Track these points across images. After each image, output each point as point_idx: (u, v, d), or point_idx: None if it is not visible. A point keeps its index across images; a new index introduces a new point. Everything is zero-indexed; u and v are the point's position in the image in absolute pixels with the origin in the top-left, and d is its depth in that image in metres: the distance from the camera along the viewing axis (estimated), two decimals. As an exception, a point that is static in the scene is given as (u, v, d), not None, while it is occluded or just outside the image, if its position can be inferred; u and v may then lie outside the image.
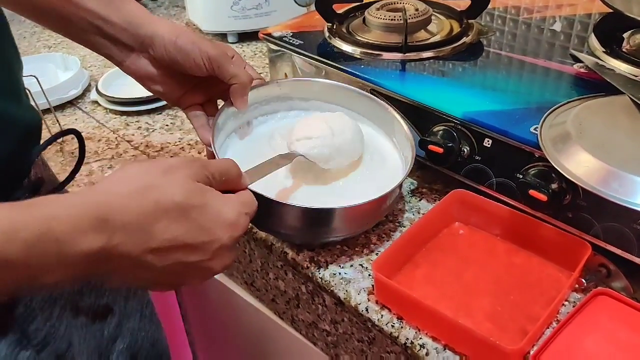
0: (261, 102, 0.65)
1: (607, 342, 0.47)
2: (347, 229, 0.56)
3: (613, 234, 0.51)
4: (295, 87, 0.67)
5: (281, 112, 0.68)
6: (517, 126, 0.56)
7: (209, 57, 0.55)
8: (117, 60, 0.59)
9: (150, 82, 0.59)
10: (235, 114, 0.62)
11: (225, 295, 0.81)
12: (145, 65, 0.58)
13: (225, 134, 0.62)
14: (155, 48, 0.56)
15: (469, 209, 0.60)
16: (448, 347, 0.49)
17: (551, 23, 0.77)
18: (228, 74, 0.57)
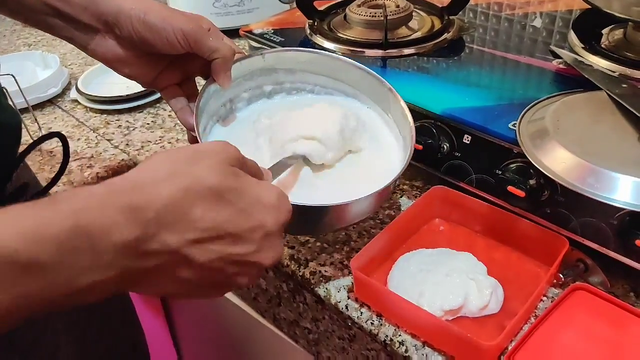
0: (244, 77, 0.60)
1: (585, 337, 0.47)
2: (346, 221, 0.54)
3: (590, 229, 0.51)
4: (281, 59, 0.61)
5: (263, 97, 0.63)
6: (495, 122, 0.56)
7: (184, 33, 0.50)
8: (80, 44, 0.53)
9: (119, 65, 0.54)
10: (217, 92, 0.57)
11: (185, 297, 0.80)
12: (112, 47, 0.52)
13: (207, 116, 0.57)
14: (121, 27, 0.50)
15: (449, 205, 0.60)
16: (427, 344, 0.49)
17: (532, 19, 0.78)
18: (207, 49, 0.52)
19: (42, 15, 0.51)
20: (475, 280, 0.51)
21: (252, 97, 0.62)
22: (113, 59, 0.53)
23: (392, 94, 0.58)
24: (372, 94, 0.61)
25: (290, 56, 0.61)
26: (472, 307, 0.50)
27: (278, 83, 0.63)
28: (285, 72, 0.62)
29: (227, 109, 0.61)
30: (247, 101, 0.62)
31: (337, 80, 0.62)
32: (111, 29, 0.51)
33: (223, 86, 0.54)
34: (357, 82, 0.61)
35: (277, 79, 0.62)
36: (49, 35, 0.55)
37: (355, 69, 0.60)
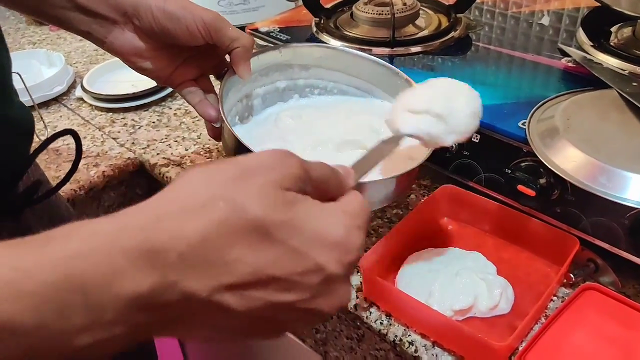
0: (260, 72, 0.60)
1: (596, 337, 0.47)
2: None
3: (601, 229, 0.51)
4: (297, 54, 0.61)
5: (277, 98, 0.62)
6: (505, 121, 0.56)
7: (204, 22, 0.49)
8: (97, 38, 0.52)
9: (137, 58, 0.53)
10: (235, 85, 0.56)
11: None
12: (130, 39, 0.51)
13: (226, 110, 0.55)
14: (141, 18, 0.49)
15: (457, 204, 0.59)
16: (437, 344, 0.49)
17: (539, 17, 0.77)
18: (228, 38, 0.50)
19: (60, 10, 0.50)
20: (485, 280, 0.50)
21: (267, 94, 0.62)
22: (131, 52, 0.52)
23: (409, 84, 0.58)
24: (387, 87, 0.61)
25: (306, 51, 0.62)
26: (482, 307, 0.49)
27: (292, 79, 0.62)
28: (300, 67, 0.62)
29: (244, 106, 0.61)
30: (263, 99, 0.62)
31: (351, 76, 0.62)
32: (130, 20, 0.51)
33: (242, 77, 0.53)
34: (372, 76, 0.61)
35: (292, 75, 0.62)
36: (53, 33, 0.55)
37: (370, 63, 0.61)
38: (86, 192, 0.72)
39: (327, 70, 0.63)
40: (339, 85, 0.64)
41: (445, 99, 0.47)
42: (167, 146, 0.77)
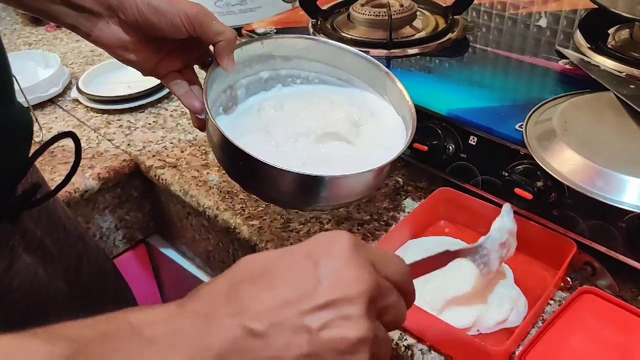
0: (243, 63, 0.61)
1: (593, 341, 0.47)
2: (338, 198, 0.54)
3: (598, 232, 0.50)
4: (279, 45, 0.63)
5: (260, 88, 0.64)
6: (502, 123, 0.55)
7: (188, 16, 0.50)
8: (83, 32, 0.53)
9: (122, 51, 0.54)
10: (219, 76, 0.58)
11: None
12: (116, 32, 0.52)
13: (211, 100, 0.57)
14: (126, 11, 0.51)
15: (454, 207, 0.59)
16: (433, 349, 0.48)
17: (537, 19, 0.77)
18: (211, 32, 0.52)
19: (46, 3, 0.51)
20: (496, 294, 0.49)
21: (250, 84, 0.63)
22: (116, 44, 0.53)
23: (388, 77, 0.60)
24: (367, 79, 0.63)
25: (287, 43, 0.63)
26: (488, 323, 0.48)
27: (274, 69, 0.64)
28: (282, 59, 0.64)
29: (228, 96, 0.62)
30: (246, 89, 0.63)
31: (332, 67, 0.64)
32: (115, 14, 0.51)
33: (226, 69, 0.55)
34: (353, 68, 0.63)
35: (274, 65, 0.64)
36: (49, 34, 0.55)
37: (351, 55, 0.62)
38: (81, 194, 0.72)
39: (308, 61, 0.64)
40: (320, 76, 0.65)
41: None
42: (163, 148, 0.77)
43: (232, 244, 0.69)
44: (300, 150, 0.57)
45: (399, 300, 0.32)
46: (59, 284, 0.57)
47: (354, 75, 0.64)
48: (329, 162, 0.56)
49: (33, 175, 0.56)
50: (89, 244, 0.65)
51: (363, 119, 0.61)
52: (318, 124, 0.58)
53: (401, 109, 0.60)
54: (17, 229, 0.52)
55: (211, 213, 0.66)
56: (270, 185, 0.52)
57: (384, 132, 0.60)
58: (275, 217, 0.63)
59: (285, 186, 0.52)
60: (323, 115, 0.59)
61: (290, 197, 0.53)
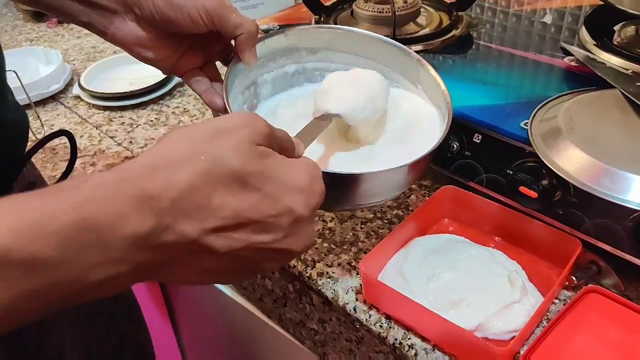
0: (267, 57, 0.58)
1: (598, 341, 0.46)
2: (372, 197, 0.50)
3: (604, 231, 0.50)
4: (303, 37, 0.59)
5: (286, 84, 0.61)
6: (507, 121, 0.55)
7: (207, 9, 0.48)
8: (98, 29, 0.51)
9: (140, 48, 0.52)
10: (241, 72, 0.55)
11: (212, 294, 0.80)
12: (132, 29, 0.50)
13: (232, 97, 0.54)
14: (142, 7, 0.49)
15: (458, 205, 0.59)
16: (437, 348, 0.48)
17: (542, 15, 0.76)
18: (231, 25, 0.49)
19: (61, 1, 0.50)
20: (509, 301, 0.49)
21: (276, 79, 0.60)
22: (134, 42, 0.51)
23: (421, 64, 0.57)
24: (398, 67, 0.59)
25: (312, 33, 0.60)
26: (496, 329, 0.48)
27: (300, 62, 0.61)
28: (308, 51, 0.60)
29: (252, 93, 0.59)
30: (272, 85, 0.60)
31: (361, 57, 0.60)
32: (131, 9, 0.50)
33: (249, 64, 0.52)
34: (382, 57, 0.59)
35: (300, 58, 0.61)
36: (51, 30, 0.54)
37: (380, 43, 0.59)
38: (83, 192, 0.72)
39: (336, 53, 0.61)
40: (349, 67, 0.60)
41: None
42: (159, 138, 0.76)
43: (235, 241, 0.69)
44: (326, 149, 0.54)
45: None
46: None
47: (384, 65, 0.60)
48: (357, 161, 0.53)
49: (30, 174, 0.56)
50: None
51: (392, 113, 0.57)
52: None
53: (435, 97, 0.56)
54: None
55: (213, 211, 0.65)
56: None
57: (417, 125, 0.57)
58: (278, 215, 0.63)
59: None
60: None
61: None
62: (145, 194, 0.29)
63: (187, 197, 0.30)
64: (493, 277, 0.51)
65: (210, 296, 0.81)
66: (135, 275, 0.30)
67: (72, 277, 0.28)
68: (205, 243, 0.31)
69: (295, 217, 0.34)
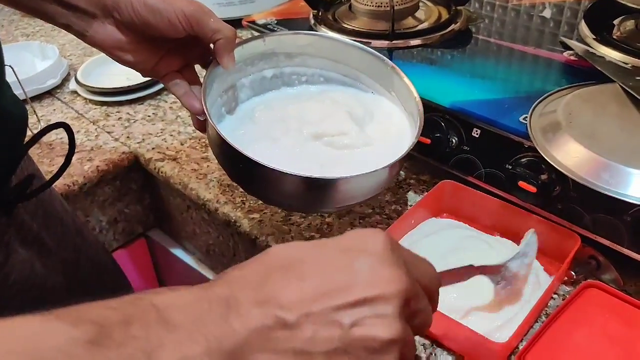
0: (245, 61, 0.59)
1: (597, 335, 0.46)
2: (344, 200, 0.52)
3: (603, 226, 0.50)
4: (281, 42, 0.60)
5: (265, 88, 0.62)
6: (506, 116, 0.55)
7: (185, 14, 0.49)
8: (77, 32, 0.51)
9: (119, 51, 0.52)
10: (220, 75, 0.56)
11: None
12: (111, 32, 0.51)
13: (211, 100, 0.55)
14: (121, 11, 0.49)
15: (457, 200, 0.59)
16: (436, 343, 0.48)
17: (541, 10, 0.76)
18: (209, 30, 0.50)
19: (40, 2, 0.50)
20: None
21: (253, 83, 0.61)
22: (113, 45, 0.52)
23: (395, 71, 0.58)
24: (373, 74, 0.61)
25: (290, 39, 0.61)
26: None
27: (278, 67, 0.62)
28: (285, 56, 0.62)
29: (230, 96, 0.60)
30: (250, 89, 0.61)
31: (337, 62, 0.62)
32: (110, 14, 0.50)
33: (226, 68, 0.53)
34: (358, 63, 0.61)
35: (278, 63, 0.62)
36: (47, 25, 0.54)
37: (356, 50, 0.60)
38: (80, 187, 0.71)
39: (312, 58, 0.62)
40: (325, 72, 0.63)
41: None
42: (162, 140, 0.76)
43: (233, 237, 0.69)
44: (304, 152, 0.55)
45: (428, 305, 0.31)
46: (56, 278, 0.57)
47: (359, 71, 0.62)
48: (333, 164, 0.54)
49: (28, 167, 0.55)
50: (87, 238, 0.64)
51: (367, 118, 0.59)
52: (320, 125, 0.57)
53: (408, 105, 0.58)
54: (13, 222, 0.52)
55: (211, 206, 0.65)
56: (272, 189, 0.51)
57: (389, 130, 0.58)
58: (276, 210, 0.62)
59: (288, 189, 0.50)
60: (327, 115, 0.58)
61: (293, 200, 0.52)
62: None
63: None
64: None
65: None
66: None
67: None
68: None
69: None
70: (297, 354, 0.27)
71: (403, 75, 0.57)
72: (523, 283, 0.48)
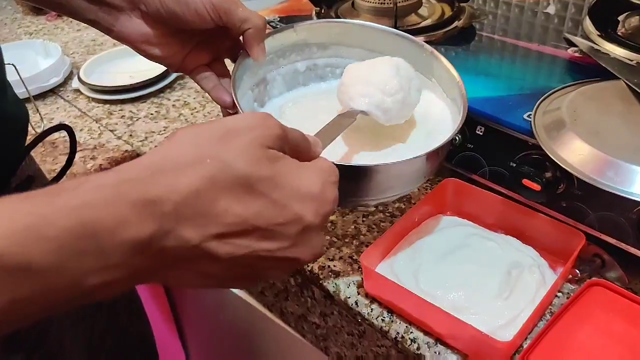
0: (276, 53, 0.57)
1: (602, 334, 0.46)
2: (386, 190, 0.48)
3: (608, 224, 0.49)
4: (313, 32, 0.58)
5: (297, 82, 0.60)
6: (510, 113, 0.54)
7: (213, 4, 0.48)
8: (105, 26, 0.51)
9: (147, 45, 0.51)
10: (250, 68, 0.54)
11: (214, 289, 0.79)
12: (138, 26, 0.50)
13: (241, 93, 0.53)
14: (148, 3, 0.48)
15: (461, 198, 0.58)
16: (440, 342, 0.48)
17: (545, 6, 0.76)
18: (238, 19, 0.49)
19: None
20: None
21: (286, 76, 0.59)
22: (140, 39, 0.51)
23: (434, 56, 0.56)
24: (411, 61, 0.57)
25: (322, 28, 0.59)
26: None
27: (311, 59, 0.60)
28: (318, 47, 0.59)
29: (262, 91, 0.58)
30: (282, 82, 0.59)
31: (373, 51, 0.59)
32: (136, 6, 0.49)
33: (257, 59, 0.51)
34: (394, 50, 0.58)
35: (310, 54, 0.60)
36: (50, 23, 0.53)
37: (392, 36, 0.58)
38: (83, 186, 0.71)
39: (347, 48, 0.60)
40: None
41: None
42: (165, 138, 0.76)
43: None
44: (339, 142, 0.53)
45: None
46: None
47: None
48: (370, 157, 0.52)
49: (29, 168, 0.55)
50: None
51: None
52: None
53: (450, 89, 0.55)
54: None
55: (214, 204, 0.65)
56: None
57: (431, 117, 0.56)
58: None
59: None
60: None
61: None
62: (146, 197, 0.28)
63: (190, 202, 0.29)
64: (495, 271, 0.50)
65: (211, 290, 0.81)
66: (134, 279, 0.29)
67: (68, 283, 0.27)
68: (207, 249, 0.30)
69: (304, 225, 0.32)
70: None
71: (443, 59, 0.55)
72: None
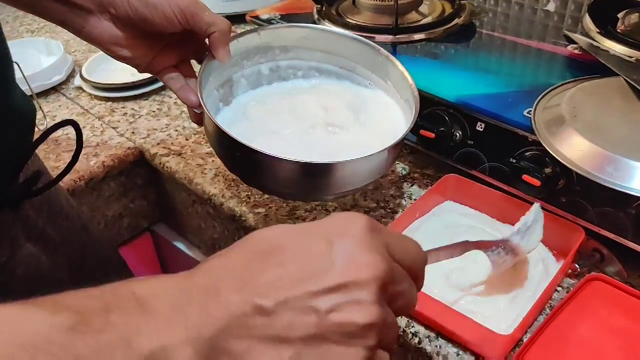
0: (241, 55, 0.60)
1: (601, 328, 0.46)
2: (342, 186, 0.52)
3: (607, 219, 0.50)
4: (276, 35, 0.61)
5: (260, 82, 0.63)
6: (510, 109, 0.55)
7: (180, 8, 0.50)
8: (74, 28, 0.52)
9: (116, 47, 0.52)
10: (216, 69, 0.57)
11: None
12: (108, 28, 0.51)
13: (207, 93, 0.56)
14: (117, 6, 0.49)
15: (461, 194, 0.59)
16: (441, 335, 0.48)
17: (544, 3, 0.76)
18: (204, 23, 0.51)
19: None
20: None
21: (250, 77, 0.62)
22: (109, 41, 0.52)
23: (389, 60, 0.59)
24: (368, 64, 0.62)
25: (285, 32, 0.62)
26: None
27: (274, 61, 0.63)
28: (281, 49, 0.62)
29: (227, 91, 0.60)
30: (246, 82, 0.62)
31: (332, 55, 0.62)
32: (106, 9, 0.50)
33: (222, 61, 0.53)
34: (353, 54, 0.62)
35: (273, 56, 0.62)
36: (52, 21, 0.54)
37: (350, 40, 0.61)
38: (86, 183, 0.72)
39: (308, 51, 0.63)
40: (321, 65, 0.64)
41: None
42: (167, 135, 0.77)
43: (238, 232, 0.69)
44: (301, 143, 0.56)
45: (411, 287, 0.32)
46: (62, 272, 0.57)
47: (355, 62, 0.63)
48: (329, 154, 0.54)
49: (34, 164, 0.56)
50: (92, 233, 0.65)
51: (362, 109, 0.60)
52: (314, 117, 0.58)
53: (404, 92, 0.58)
54: (19, 218, 0.52)
55: (216, 201, 0.65)
56: (269, 176, 0.51)
57: (385, 121, 0.59)
58: (281, 204, 0.63)
59: (285, 176, 0.51)
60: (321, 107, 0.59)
61: (291, 187, 0.52)
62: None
63: None
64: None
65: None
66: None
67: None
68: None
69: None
70: (275, 340, 0.27)
71: (397, 63, 0.58)
72: (524, 260, 0.48)
